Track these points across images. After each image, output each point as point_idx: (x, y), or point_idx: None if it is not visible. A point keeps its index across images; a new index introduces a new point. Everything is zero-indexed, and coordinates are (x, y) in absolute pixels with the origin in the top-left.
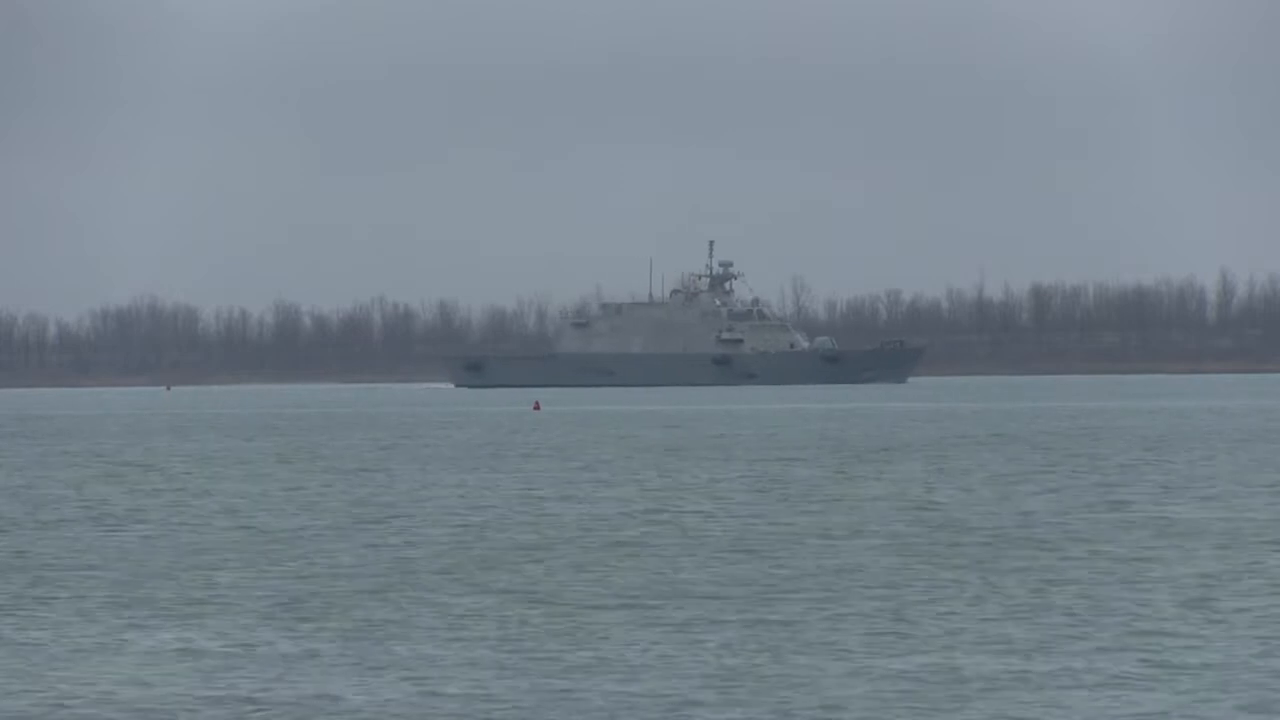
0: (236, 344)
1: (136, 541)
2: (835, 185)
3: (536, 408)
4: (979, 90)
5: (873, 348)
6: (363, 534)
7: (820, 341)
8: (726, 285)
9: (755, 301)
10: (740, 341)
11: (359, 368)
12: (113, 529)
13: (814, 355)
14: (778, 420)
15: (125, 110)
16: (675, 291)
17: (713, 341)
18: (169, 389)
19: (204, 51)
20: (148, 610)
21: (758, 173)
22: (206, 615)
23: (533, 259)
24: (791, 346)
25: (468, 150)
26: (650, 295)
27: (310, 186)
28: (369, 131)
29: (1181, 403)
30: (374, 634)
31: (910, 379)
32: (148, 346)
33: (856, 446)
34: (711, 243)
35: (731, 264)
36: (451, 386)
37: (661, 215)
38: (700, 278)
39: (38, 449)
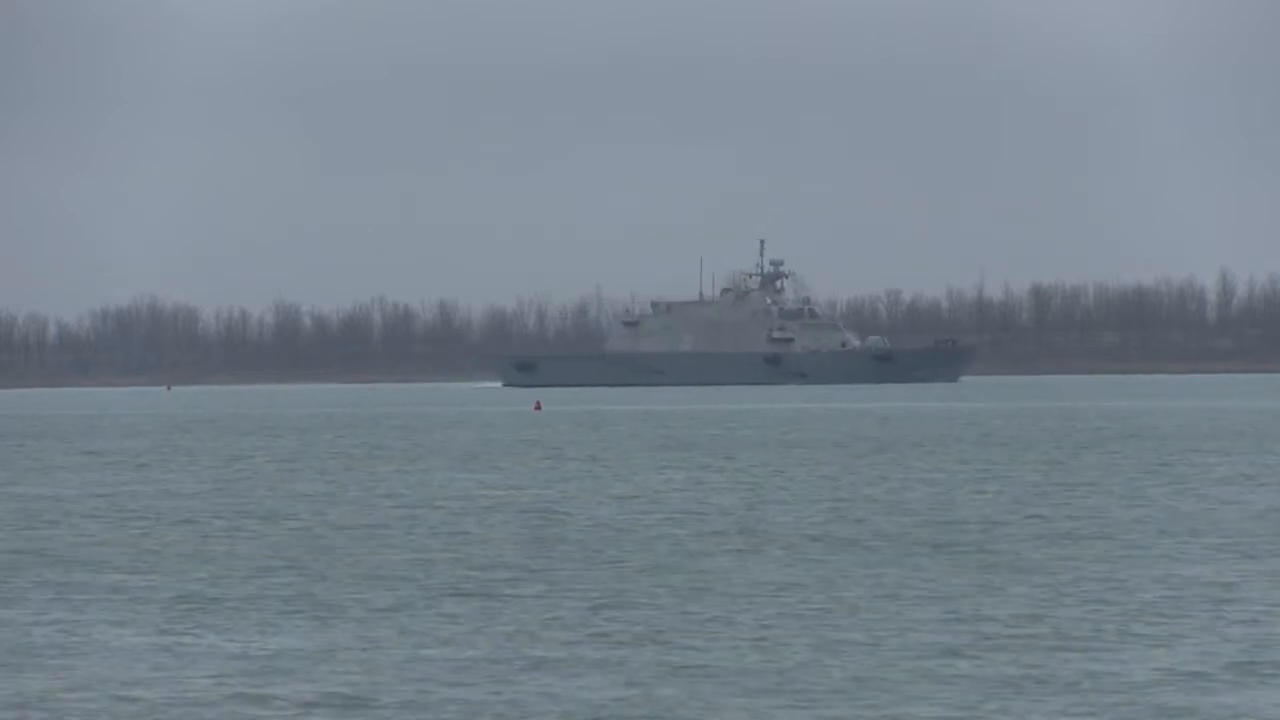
0: (236, 344)
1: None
2: (835, 185)
3: (537, 408)
4: (979, 90)
5: (925, 346)
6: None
7: (872, 341)
8: (777, 284)
9: (806, 300)
10: (791, 341)
11: (359, 368)
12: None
13: (866, 354)
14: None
15: (125, 110)
16: (726, 290)
17: (764, 340)
18: (169, 389)
19: (204, 51)
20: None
21: (757, 172)
22: None
23: (533, 259)
24: (843, 345)
25: (468, 150)
26: (700, 294)
27: (310, 186)
28: (369, 131)
29: None
30: None
31: (962, 378)
32: (148, 346)
33: None
34: (762, 241)
35: (783, 262)
36: (500, 385)
37: (661, 216)
38: (751, 276)
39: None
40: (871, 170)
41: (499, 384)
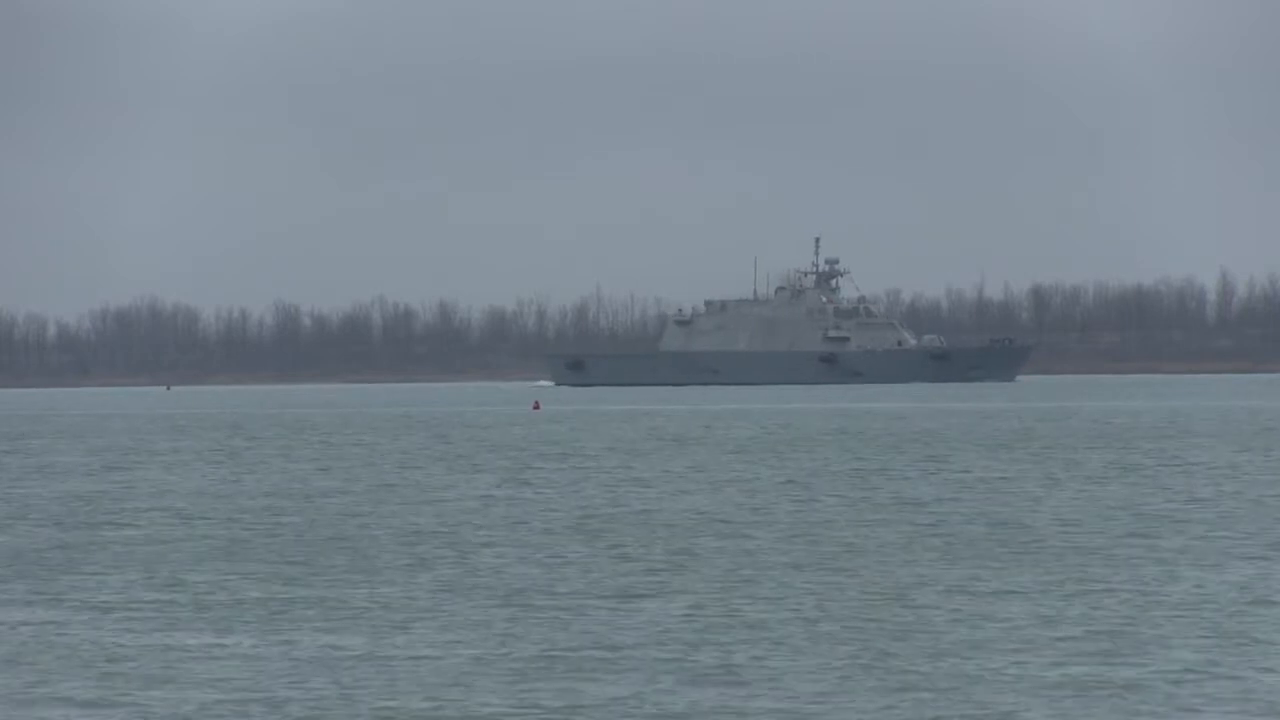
0: (236, 344)
1: None
2: (834, 186)
3: (536, 408)
4: (979, 91)
5: (981, 345)
6: None
7: (928, 339)
8: (833, 282)
9: (862, 299)
10: (847, 339)
11: (359, 368)
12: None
13: (921, 353)
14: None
15: (125, 110)
16: (780, 289)
17: (819, 339)
18: (169, 388)
19: (204, 51)
20: None
21: (756, 174)
22: None
23: (533, 259)
24: (899, 344)
25: (468, 150)
26: (754, 292)
27: (309, 186)
28: (369, 131)
29: None
30: None
31: (1019, 377)
32: (148, 346)
33: None
34: (817, 239)
35: (838, 261)
36: (552, 384)
37: (661, 217)
38: (805, 275)
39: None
40: (870, 170)
41: (551, 383)
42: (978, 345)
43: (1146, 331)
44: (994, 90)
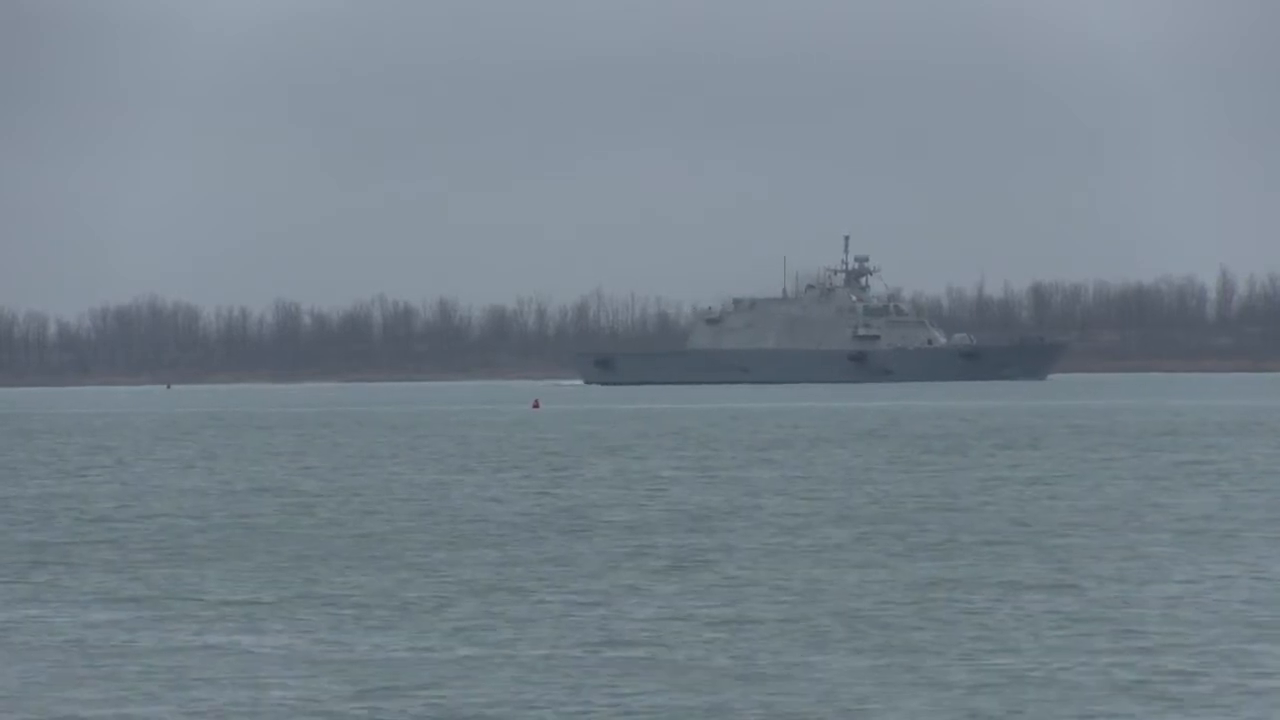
0: (236, 343)
1: None
2: (834, 185)
3: (536, 407)
4: (979, 91)
5: (1012, 344)
6: None
7: (958, 338)
8: (862, 280)
9: (892, 297)
10: (877, 338)
11: (359, 366)
12: None
13: (952, 351)
14: None
15: (125, 110)
16: (810, 287)
17: (848, 338)
18: (169, 387)
19: (204, 50)
20: None
21: (757, 173)
22: None
23: (532, 259)
24: (929, 343)
25: (467, 150)
26: (784, 291)
27: (309, 186)
28: (369, 131)
29: None
30: None
31: (1050, 376)
32: (148, 345)
33: None
34: (847, 238)
35: (868, 259)
36: (581, 383)
37: (662, 216)
38: (835, 273)
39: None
40: (870, 170)
41: (580, 381)
42: (1008, 343)
43: (1147, 330)
44: (994, 90)
